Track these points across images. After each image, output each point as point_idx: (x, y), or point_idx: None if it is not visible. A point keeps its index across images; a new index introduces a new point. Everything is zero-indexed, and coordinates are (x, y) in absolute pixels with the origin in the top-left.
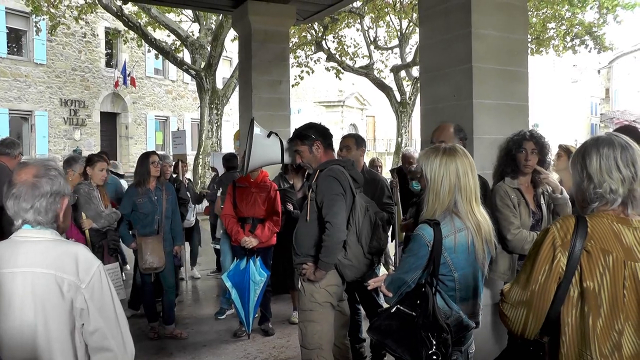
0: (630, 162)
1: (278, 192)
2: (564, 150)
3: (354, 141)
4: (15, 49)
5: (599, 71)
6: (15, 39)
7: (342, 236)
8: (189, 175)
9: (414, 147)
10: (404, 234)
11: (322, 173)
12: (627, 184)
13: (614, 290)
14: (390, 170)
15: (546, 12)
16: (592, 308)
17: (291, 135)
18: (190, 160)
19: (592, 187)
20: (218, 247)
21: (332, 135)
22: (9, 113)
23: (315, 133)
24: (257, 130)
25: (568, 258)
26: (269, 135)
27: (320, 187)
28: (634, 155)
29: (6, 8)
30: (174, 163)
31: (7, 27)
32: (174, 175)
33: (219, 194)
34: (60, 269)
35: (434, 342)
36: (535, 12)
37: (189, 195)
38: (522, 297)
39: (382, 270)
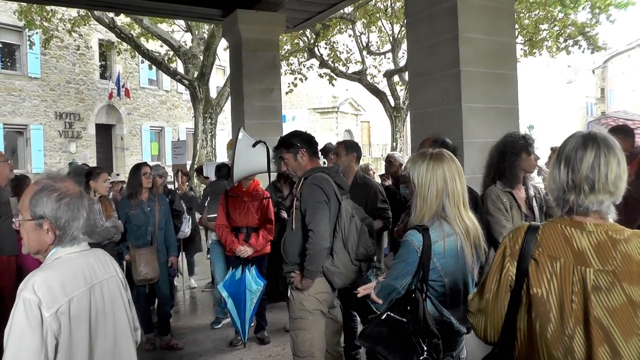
0: (603, 170)
1: (270, 199)
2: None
3: (344, 147)
4: (9, 64)
5: (593, 71)
6: (9, 54)
7: (325, 244)
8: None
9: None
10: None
11: (306, 181)
12: (596, 190)
13: (562, 296)
14: (380, 175)
15: (538, 13)
16: (541, 314)
17: (276, 144)
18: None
19: (570, 175)
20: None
21: (317, 143)
22: (4, 127)
23: (300, 141)
24: (243, 139)
25: (517, 267)
26: (255, 145)
27: (304, 196)
28: (617, 168)
29: None
30: (173, 173)
31: (0, 41)
32: (169, 187)
33: (205, 203)
34: (114, 271)
35: (425, 348)
36: (528, 14)
37: (184, 207)
38: (479, 305)
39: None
